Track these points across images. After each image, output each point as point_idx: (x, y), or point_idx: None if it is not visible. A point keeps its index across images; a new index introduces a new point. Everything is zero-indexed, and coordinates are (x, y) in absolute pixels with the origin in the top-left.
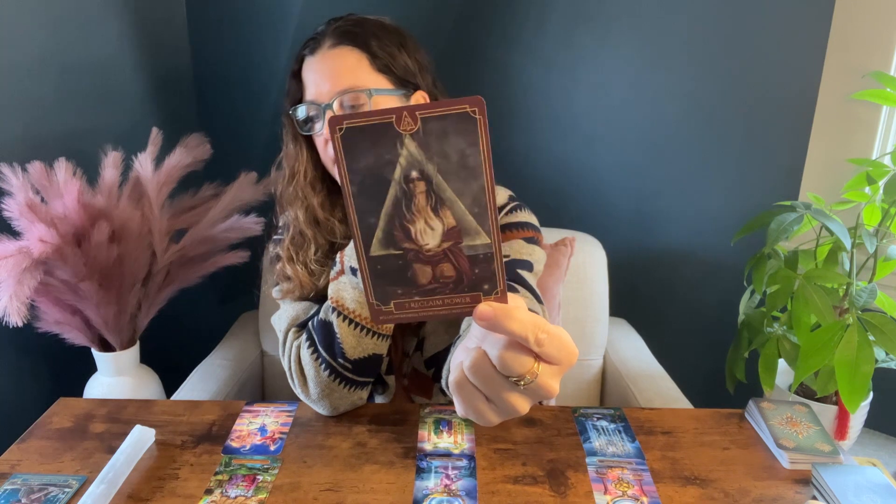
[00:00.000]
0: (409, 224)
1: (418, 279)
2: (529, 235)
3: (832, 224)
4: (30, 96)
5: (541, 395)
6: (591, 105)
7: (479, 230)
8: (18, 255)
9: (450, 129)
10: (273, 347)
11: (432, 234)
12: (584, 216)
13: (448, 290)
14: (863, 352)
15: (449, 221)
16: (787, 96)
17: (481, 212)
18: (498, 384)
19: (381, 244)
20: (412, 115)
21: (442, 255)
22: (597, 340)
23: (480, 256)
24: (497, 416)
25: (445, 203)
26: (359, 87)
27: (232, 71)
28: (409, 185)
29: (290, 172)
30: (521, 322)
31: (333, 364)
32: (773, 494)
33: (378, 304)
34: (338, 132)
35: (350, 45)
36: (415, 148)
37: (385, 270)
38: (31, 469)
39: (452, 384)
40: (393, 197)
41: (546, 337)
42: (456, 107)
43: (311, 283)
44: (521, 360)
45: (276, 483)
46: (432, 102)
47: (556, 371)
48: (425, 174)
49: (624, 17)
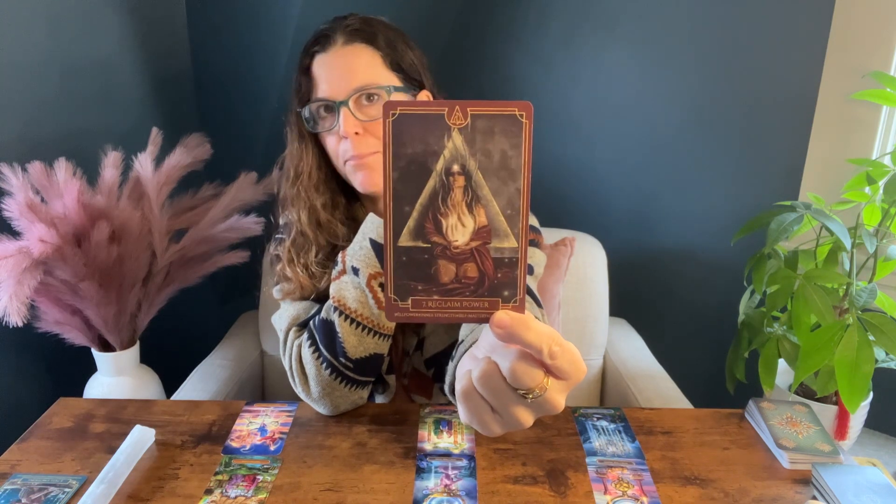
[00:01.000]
0: (443, 217)
1: (441, 276)
2: (530, 237)
3: (832, 224)
4: (30, 96)
5: (547, 409)
6: (591, 105)
7: (508, 233)
8: (18, 255)
9: (496, 129)
10: (273, 347)
11: (463, 231)
12: (584, 216)
13: (468, 293)
14: (863, 352)
15: (481, 220)
16: (787, 96)
17: (514, 214)
18: (506, 396)
19: (411, 234)
20: (464, 110)
21: (468, 255)
22: (597, 340)
23: (506, 260)
24: (501, 427)
25: (481, 201)
26: (375, 85)
27: (232, 71)
28: (448, 179)
29: (293, 172)
30: (538, 333)
31: (335, 363)
32: (773, 494)
33: (395, 300)
34: (390, 116)
35: (364, 43)
36: (461, 142)
37: (409, 262)
38: (31, 469)
39: (459, 393)
40: (431, 188)
41: (559, 350)
42: (506, 108)
43: (311, 286)
44: (532, 374)
45: (276, 483)
46: (484, 101)
47: (564, 386)
48: (466, 170)
49: (624, 18)
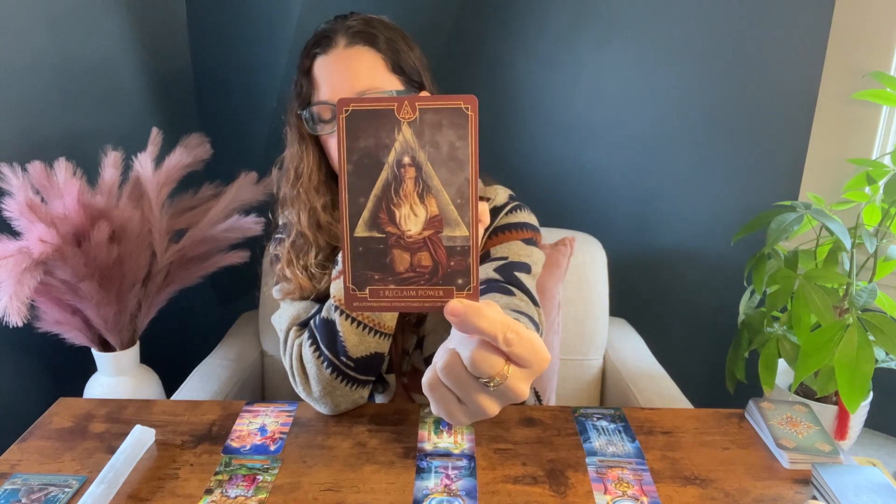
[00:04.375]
0: (395, 208)
1: (396, 266)
2: (528, 236)
3: (832, 224)
4: (30, 96)
5: (510, 397)
6: (591, 105)
7: (459, 222)
8: (18, 255)
9: (444, 122)
10: (273, 347)
11: (415, 221)
12: (584, 216)
13: (423, 281)
14: (863, 352)
15: (432, 210)
16: (787, 96)
17: (464, 203)
18: (468, 385)
19: (366, 225)
20: (412, 104)
21: (421, 244)
22: (597, 340)
23: (458, 248)
24: (467, 417)
25: (431, 191)
26: (378, 88)
27: (232, 71)
28: (400, 170)
29: (294, 174)
30: (491, 320)
31: (336, 362)
32: (773, 494)
33: (354, 289)
34: (343, 113)
35: (366, 46)
36: (410, 135)
37: (366, 252)
38: (31, 469)
39: (425, 384)
40: (384, 180)
41: (515, 337)
42: (452, 102)
43: (311, 287)
44: (491, 362)
45: (276, 483)
46: (431, 96)
47: (526, 374)
48: (416, 161)
49: (624, 18)
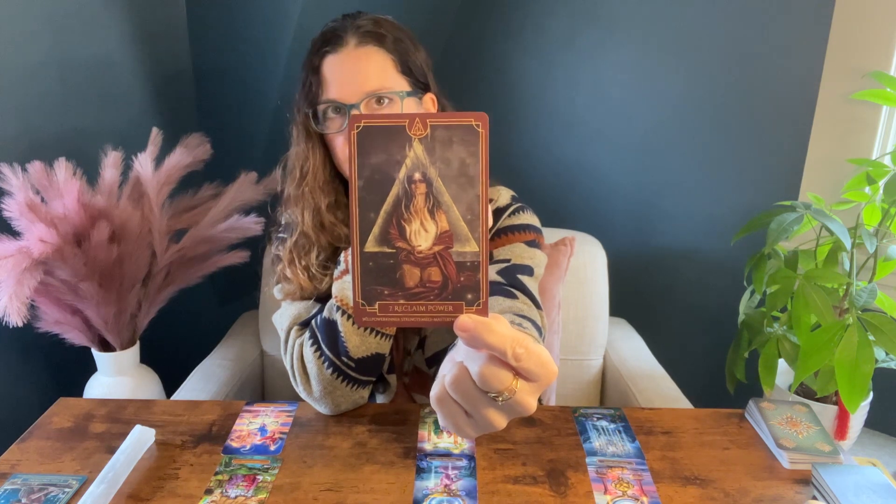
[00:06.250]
0: (406, 223)
1: (406, 281)
2: (531, 238)
3: (832, 224)
4: (30, 96)
5: (518, 411)
6: (591, 105)
7: (469, 237)
8: (18, 255)
9: (455, 139)
10: (273, 347)
11: (426, 236)
12: (584, 216)
13: (432, 297)
14: (863, 352)
15: (443, 225)
16: (787, 96)
17: (474, 219)
18: (477, 400)
19: (376, 240)
20: (423, 121)
21: (431, 259)
22: (597, 340)
23: (468, 264)
24: (475, 430)
25: (442, 207)
26: (388, 89)
27: (232, 71)
28: (410, 186)
29: (299, 172)
30: (500, 336)
31: (337, 362)
32: (772, 494)
33: (363, 304)
34: (355, 129)
35: (376, 46)
36: (421, 151)
37: (376, 268)
38: (31, 469)
39: (433, 398)
40: (395, 195)
41: (524, 352)
42: (463, 119)
43: (311, 287)
44: (500, 377)
45: (276, 483)
46: (443, 112)
47: (534, 388)
48: (427, 177)
49: (624, 18)
